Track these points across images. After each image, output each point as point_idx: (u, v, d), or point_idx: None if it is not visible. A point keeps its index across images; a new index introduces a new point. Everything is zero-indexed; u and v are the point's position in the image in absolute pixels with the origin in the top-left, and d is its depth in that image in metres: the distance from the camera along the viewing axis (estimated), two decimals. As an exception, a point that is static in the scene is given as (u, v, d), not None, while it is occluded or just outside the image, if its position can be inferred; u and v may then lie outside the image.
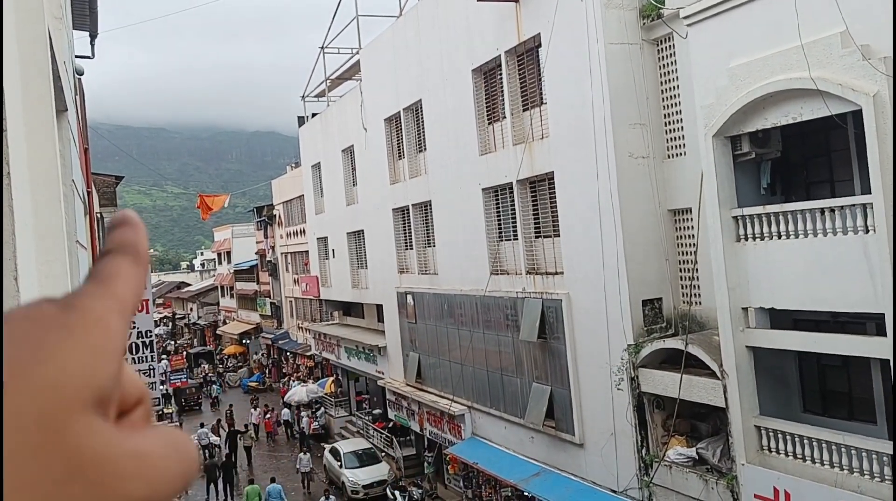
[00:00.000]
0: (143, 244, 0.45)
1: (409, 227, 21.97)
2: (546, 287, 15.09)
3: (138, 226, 0.47)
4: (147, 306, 14.97)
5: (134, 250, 0.44)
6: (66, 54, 6.43)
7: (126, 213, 0.49)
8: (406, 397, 22.46)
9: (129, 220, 0.47)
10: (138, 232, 0.46)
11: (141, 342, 14.80)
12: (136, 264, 0.43)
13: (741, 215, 10.36)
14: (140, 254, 0.44)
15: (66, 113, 5.83)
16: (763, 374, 10.70)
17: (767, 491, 10.23)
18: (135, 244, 0.45)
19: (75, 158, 7.44)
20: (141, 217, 0.50)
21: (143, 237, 0.46)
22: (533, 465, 15.94)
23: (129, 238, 0.45)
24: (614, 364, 13.22)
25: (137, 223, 0.47)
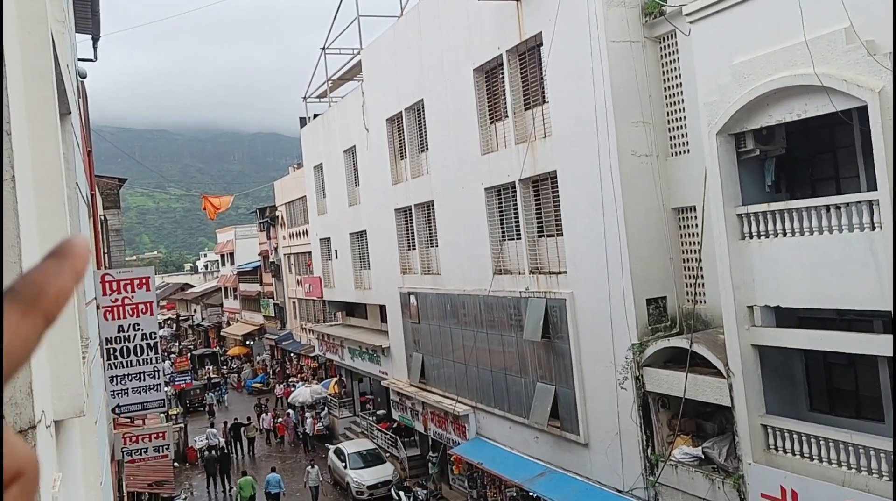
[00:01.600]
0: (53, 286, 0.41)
1: (411, 227, 21.94)
2: (549, 287, 15.05)
3: (69, 260, 0.42)
4: (151, 307, 14.97)
5: (31, 296, 0.40)
6: (69, 57, 6.43)
7: (67, 244, 0.44)
8: (410, 397, 22.45)
9: (62, 252, 0.42)
10: (61, 269, 0.41)
11: (145, 344, 14.80)
12: (23, 315, 0.39)
13: (746, 213, 10.31)
14: (38, 303, 0.40)
15: (70, 116, 5.82)
16: (769, 372, 10.65)
17: (774, 490, 10.18)
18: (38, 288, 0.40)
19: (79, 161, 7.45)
20: (144, 219, 0.45)
21: (65, 273, 0.41)
22: (538, 465, 15.90)
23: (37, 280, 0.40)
24: (619, 363, 13.17)
25: (71, 256, 0.42)
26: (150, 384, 14.84)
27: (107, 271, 14.29)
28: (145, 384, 14.72)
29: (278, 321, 44.56)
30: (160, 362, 15.12)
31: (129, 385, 14.53)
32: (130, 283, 14.79)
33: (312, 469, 23.08)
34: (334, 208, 29.48)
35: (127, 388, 14.42)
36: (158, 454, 17.86)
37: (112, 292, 13.85)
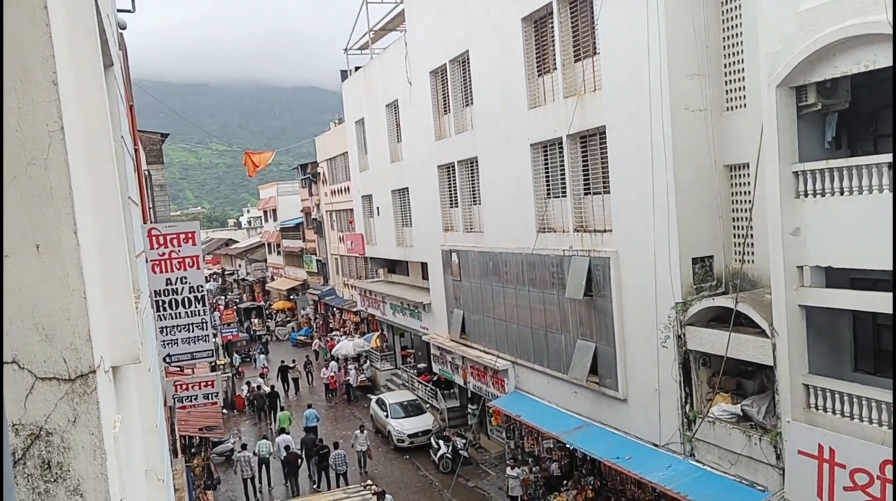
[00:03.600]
0: None
1: (454, 184, 21.88)
2: (594, 245, 14.91)
3: None
4: (198, 261, 15.37)
5: None
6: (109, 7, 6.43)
7: None
8: (450, 352, 22.75)
9: None
10: None
11: (193, 297, 15.25)
12: None
13: (802, 170, 9.99)
14: None
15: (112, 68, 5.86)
16: (814, 333, 10.49)
17: (812, 448, 10.11)
18: None
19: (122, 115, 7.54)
20: (188, 175, 0.44)
21: None
22: (576, 419, 16.06)
23: None
24: (661, 322, 13.10)
25: None
26: (199, 334, 15.34)
27: (153, 225, 14.65)
28: (194, 334, 15.23)
29: (321, 276, 45.32)
30: (207, 314, 15.58)
31: (179, 336, 15.05)
32: (177, 237, 15.18)
33: (361, 433, 22.30)
34: (376, 165, 29.54)
35: (176, 338, 14.95)
36: (208, 401, 18.60)
37: (159, 246, 14.24)
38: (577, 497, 16.73)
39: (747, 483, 11.64)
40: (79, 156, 2.90)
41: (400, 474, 21.73)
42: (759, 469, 11.38)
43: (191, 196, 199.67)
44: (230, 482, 22.25)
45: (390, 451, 23.79)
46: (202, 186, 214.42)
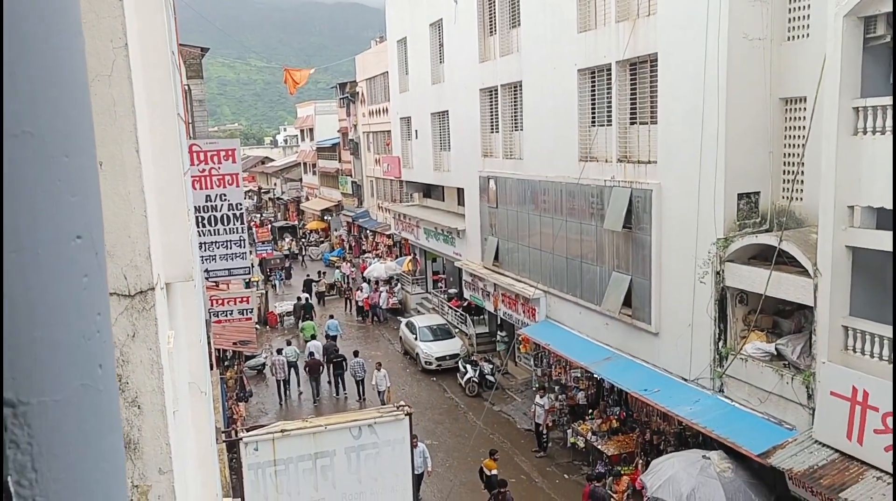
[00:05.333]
0: None
1: (496, 109, 21.48)
2: (636, 176, 14.65)
3: None
4: (237, 179, 15.52)
5: None
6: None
7: None
8: (482, 278, 22.94)
9: None
10: None
11: (231, 214, 15.49)
12: None
13: (864, 106, 9.57)
14: None
15: (162, -21, 5.74)
16: (859, 275, 10.30)
17: (846, 390, 10.11)
18: None
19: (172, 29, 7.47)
20: (225, 91, 0.41)
21: None
22: (605, 350, 16.24)
23: None
24: (700, 257, 12.97)
25: None
26: (236, 251, 15.67)
27: (194, 141, 14.72)
28: (231, 251, 15.55)
29: (355, 198, 45.55)
30: (245, 231, 15.88)
31: (217, 252, 15.39)
32: (217, 154, 15.28)
33: (379, 371, 21.03)
34: (416, 86, 29.05)
35: (214, 254, 15.30)
36: (242, 316, 19.21)
37: (199, 162, 14.37)
38: (602, 426, 17.09)
39: (775, 420, 11.74)
40: (139, 72, 2.88)
41: (426, 395, 22.39)
42: (789, 407, 11.45)
43: (228, 112, 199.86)
44: (261, 394, 23.28)
45: (417, 373, 24.44)
46: (240, 102, 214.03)
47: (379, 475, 10.56)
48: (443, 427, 19.90)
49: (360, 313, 32.05)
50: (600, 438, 16.74)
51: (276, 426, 10.14)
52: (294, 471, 9.95)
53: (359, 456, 10.39)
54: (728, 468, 12.13)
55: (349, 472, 10.31)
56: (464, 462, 17.54)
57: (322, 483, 10.14)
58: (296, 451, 9.96)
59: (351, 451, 10.32)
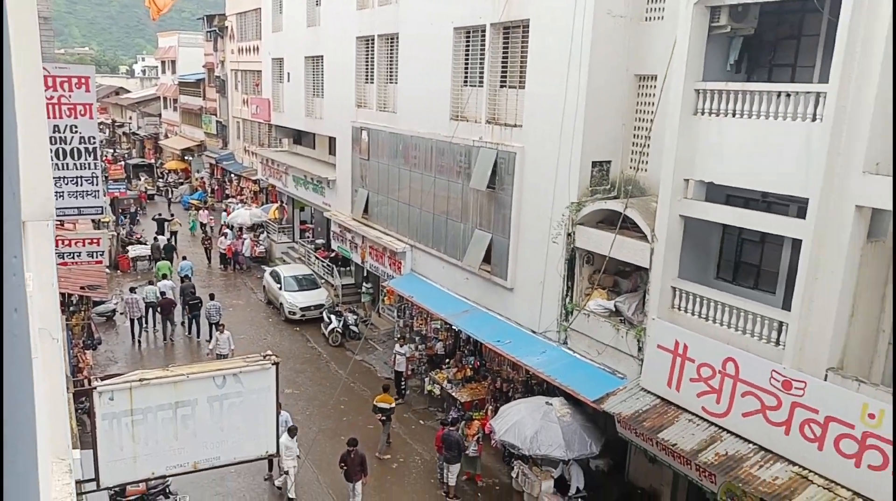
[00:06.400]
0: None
1: (372, 59, 21.26)
2: (503, 138, 15.21)
3: None
4: (90, 110, 14.42)
5: None
6: None
7: None
8: (351, 230, 22.97)
9: None
10: None
11: (84, 148, 14.42)
12: None
13: (704, 89, 10.54)
14: None
15: None
16: (688, 241, 11.47)
17: (669, 343, 11.37)
18: None
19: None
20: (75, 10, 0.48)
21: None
22: (464, 303, 16.97)
23: None
24: (555, 219, 13.80)
25: None
26: (88, 189, 14.63)
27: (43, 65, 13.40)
28: (83, 189, 14.51)
29: (220, 139, 43.44)
30: (98, 168, 14.84)
31: (66, 189, 14.29)
32: (68, 81, 14.09)
33: (222, 334, 19.40)
34: (291, 27, 27.99)
35: (63, 191, 14.20)
36: (92, 259, 18.00)
37: (48, 88, 13.19)
38: (457, 375, 17.96)
39: (610, 370, 12.95)
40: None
41: (289, 345, 22.31)
42: (622, 359, 12.67)
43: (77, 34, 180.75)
44: (111, 342, 22.15)
45: (280, 322, 24.22)
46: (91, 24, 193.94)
47: (242, 423, 10.55)
48: (304, 376, 20.00)
49: (222, 260, 30.97)
50: (455, 386, 17.60)
51: (134, 374, 9.82)
52: (153, 420, 9.72)
53: (222, 405, 10.30)
54: (567, 413, 13.24)
55: (212, 421, 10.21)
56: (324, 409, 17.80)
57: (182, 432, 10.00)
58: (155, 400, 9.72)
59: (214, 400, 10.21)
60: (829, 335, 9.16)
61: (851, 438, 8.91)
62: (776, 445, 9.85)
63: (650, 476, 13.99)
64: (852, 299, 9.12)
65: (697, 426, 10.93)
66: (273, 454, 11.58)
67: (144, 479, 10.81)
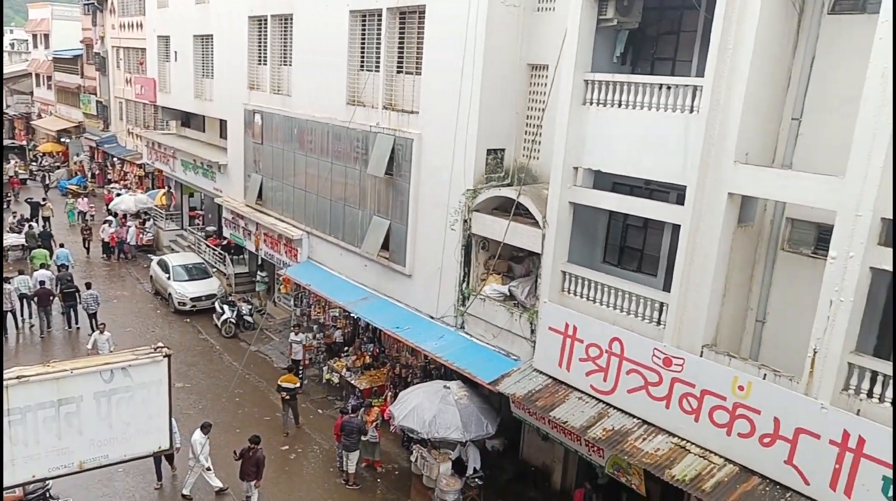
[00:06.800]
0: None
1: (265, 39, 20.58)
2: (400, 124, 15.17)
3: None
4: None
5: None
6: None
7: None
8: (244, 217, 22.24)
9: None
10: None
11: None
12: None
13: (592, 80, 10.92)
14: None
15: None
16: (577, 227, 11.91)
17: (560, 325, 11.80)
18: None
19: None
20: None
21: None
22: (363, 290, 16.86)
23: None
24: (452, 206, 13.94)
25: None
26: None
27: None
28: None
29: (101, 120, 40.76)
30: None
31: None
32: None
33: (102, 334, 18.18)
34: (178, 4, 26.60)
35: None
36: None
37: None
38: (356, 362, 17.86)
39: (504, 353, 13.27)
40: None
41: (179, 337, 21.39)
42: (516, 341, 13.02)
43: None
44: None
45: (170, 314, 23.19)
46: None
47: (132, 419, 10.12)
48: (196, 370, 19.24)
49: (105, 250, 29.11)
50: (354, 373, 17.50)
51: (11, 371, 9.12)
52: (32, 420, 9.14)
53: (110, 401, 9.84)
54: (464, 395, 13.47)
55: (99, 418, 9.74)
56: (218, 402, 17.22)
57: (66, 431, 9.47)
58: (35, 398, 9.14)
59: (101, 396, 9.73)
60: (705, 314, 9.79)
61: (724, 409, 9.60)
62: (658, 418, 10.45)
63: (543, 453, 14.51)
64: (724, 280, 9.79)
65: (586, 404, 11.41)
66: (166, 449, 11.11)
67: (22, 483, 10.11)
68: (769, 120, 9.52)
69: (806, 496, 8.80)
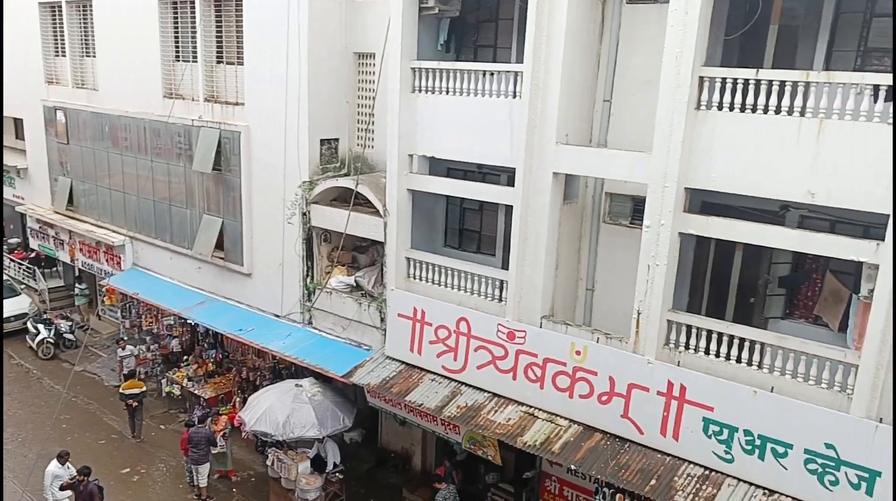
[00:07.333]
0: None
1: (61, 29, 18.61)
2: (225, 117, 14.47)
3: None
4: None
5: None
6: None
7: None
8: (54, 225, 20.13)
9: None
10: None
11: None
12: None
13: (419, 68, 11.07)
14: None
15: None
16: (417, 213, 12.11)
17: (408, 311, 11.98)
18: None
19: None
20: None
21: None
22: (199, 294, 16.00)
23: None
24: (288, 199, 13.59)
25: None
26: None
27: None
28: None
29: None
30: None
31: None
32: None
33: None
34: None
35: None
36: None
37: None
38: (198, 371, 16.96)
39: (356, 344, 13.23)
40: None
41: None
42: (367, 331, 13.02)
43: None
44: None
45: (-29, 340, 20.55)
46: None
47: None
48: (11, 399, 17.22)
49: None
50: (197, 383, 16.61)
51: None
52: None
53: None
54: (318, 392, 13.29)
55: None
56: (41, 432, 15.52)
57: None
58: None
59: None
60: (540, 287, 10.39)
61: (565, 374, 10.28)
62: (507, 390, 10.97)
63: (401, 438, 14.72)
64: (556, 254, 10.43)
65: (440, 385, 11.71)
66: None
67: None
68: (584, 102, 10.21)
69: (641, 444, 9.70)
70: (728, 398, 8.88)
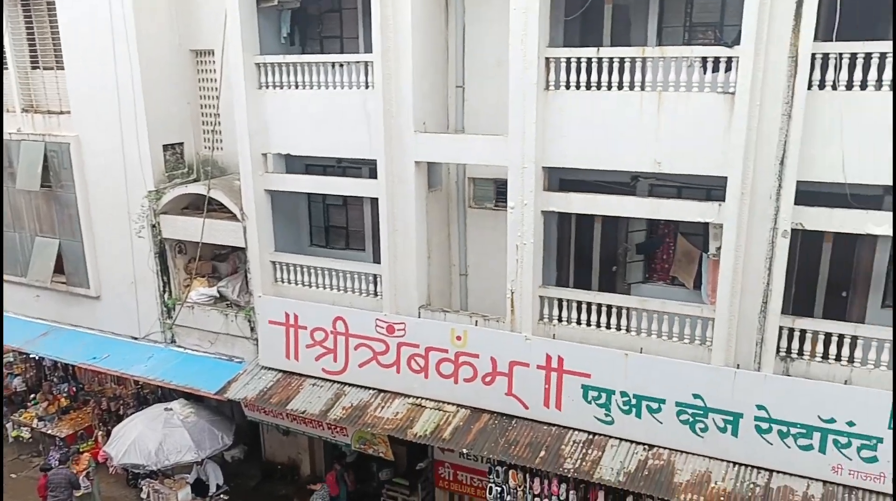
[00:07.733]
0: None
1: None
2: (49, 128, 13.14)
3: None
4: None
5: None
6: None
7: None
8: None
9: None
10: None
11: None
12: None
13: (263, 63, 10.57)
14: None
15: None
16: (278, 215, 11.65)
17: (280, 316, 11.52)
18: None
19: None
20: None
21: None
22: (40, 325, 14.55)
23: None
24: (134, 212, 12.64)
25: None
26: None
27: None
28: None
29: None
30: None
31: None
32: None
33: None
34: None
35: None
36: None
37: None
38: (49, 409, 15.46)
39: (226, 358, 12.56)
40: None
41: None
42: (237, 343, 12.38)
43: None
44: None
45: None
46: None
47: None
48: None
49: None
50: (49, 421, 15.18)
51: None
52: None
53: None
54: (191, 413, 12.55)
55: None
56: None
57: None
58: None
59: None
60: (415, 277, 10.33)
61: (448, 361, 10.32)
62: (392, 384, 10.87)
63: (287, 448, 14.23)
64: (427, 243, 10.40)
65: (322, 388, 11.40)
66: None
67: None
68: (438, 89, 10.19)
69: (528, 418, 9.98)
70: (603, 364, 9.31)
